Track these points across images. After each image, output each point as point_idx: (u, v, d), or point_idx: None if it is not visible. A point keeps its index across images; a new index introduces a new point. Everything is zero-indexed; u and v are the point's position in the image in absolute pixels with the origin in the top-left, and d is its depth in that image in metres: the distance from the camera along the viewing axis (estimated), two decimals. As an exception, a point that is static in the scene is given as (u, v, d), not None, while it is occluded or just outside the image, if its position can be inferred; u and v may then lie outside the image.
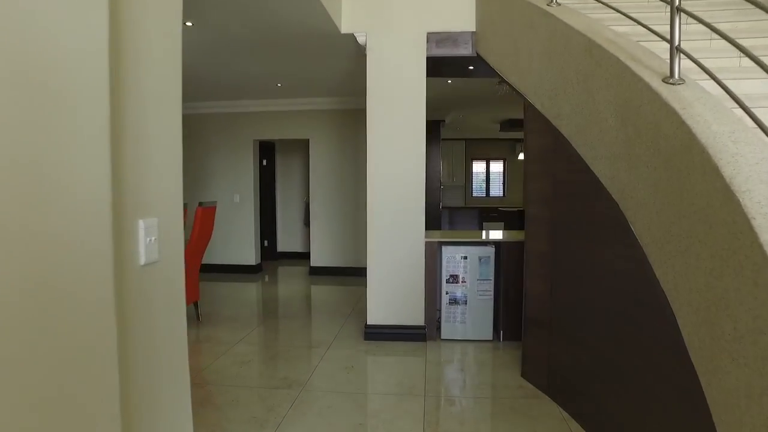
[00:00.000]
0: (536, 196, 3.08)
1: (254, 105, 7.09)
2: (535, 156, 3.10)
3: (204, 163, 7.39)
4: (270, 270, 7.78)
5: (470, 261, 4.03)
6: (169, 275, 1.45)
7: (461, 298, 4.05)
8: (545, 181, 2.97)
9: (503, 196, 11.67)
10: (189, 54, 4.62)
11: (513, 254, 3.95)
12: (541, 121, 2.93)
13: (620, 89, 2.04)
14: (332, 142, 7.09)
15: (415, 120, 4.03)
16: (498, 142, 11.33)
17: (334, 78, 5.67)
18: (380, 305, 4.13)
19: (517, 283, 3.89)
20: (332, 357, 3.72)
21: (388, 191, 4.07)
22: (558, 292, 2.82)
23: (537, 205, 3.08)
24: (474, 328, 4.06)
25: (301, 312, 5.17)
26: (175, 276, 1.49)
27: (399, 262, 4.08)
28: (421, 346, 3.97)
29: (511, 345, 3.94)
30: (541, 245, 3.02)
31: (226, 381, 3.26)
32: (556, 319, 2.84)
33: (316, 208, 7.25)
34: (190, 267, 4.44)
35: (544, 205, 2.99)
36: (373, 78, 4.03)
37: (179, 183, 1.55)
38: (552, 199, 2.89)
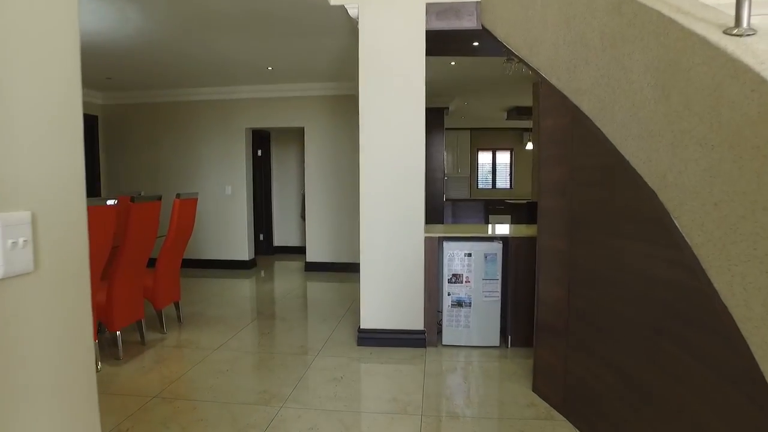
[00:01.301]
0: (550, 185, 2.67)
1: (245, 91, 6.69)
2: (548, 139, 2.68)
3: (192, 153, 7.01)
4: (264, 265, 7.42)
5: (475, 258, 3.63)
6: (58, 291, 1.07)
7: (465, 300, 3.66)
8: (561, 168, 2.56)
9: (510, 188, 11.24)
10: (166, 32, 4.25)
11: (523, 251, 3.55)
12: (557, 98, 2.51)
13: (661, 50, 1.63)
14: (328, 131, 6.68)
15: (414, 103, 3.61)
16: (505, 131, 10.89)
17: (327, 60, 5.26)
18: (375, 307, 3.75)
19: (527, 283, 3.49)
20: (320, 366, 3.35)
21: (384, 182, 3.66)
22: (576, 297, 2.42)
23: (551, 195, 2.68)
24: (479, 333, 3.66)
25: (291, 312, 4.80)
26: (70, 292, 1.10)
27: (395, 260, 3.69)
28: (420, 352, 3.58)
29: (520, 352, 3.54)
30: (555, 242, 2.61)
31: (198, 395, 2.89)
32: (573, 328, 2.44)
33: (312, 200, 6.86)
34: (169, 264, 4.07)
35: (559, 196, 2.58)
36: (366, 55, 3.61)
37: (77, 165, 1.15)
38: (569, 188, 2.48)
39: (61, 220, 1.08)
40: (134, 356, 3.53)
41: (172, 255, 4.06)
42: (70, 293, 1.10)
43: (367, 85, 3.63)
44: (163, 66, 5.43)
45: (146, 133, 7.11)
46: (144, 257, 3.67)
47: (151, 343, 3.79)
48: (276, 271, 7.06)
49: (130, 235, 3.37)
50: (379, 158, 3.65)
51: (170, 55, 4.98)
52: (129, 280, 3.54)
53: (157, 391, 2.94)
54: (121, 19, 3.87)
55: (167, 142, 7.06)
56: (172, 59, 5.14)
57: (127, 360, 3.45)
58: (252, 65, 5.46)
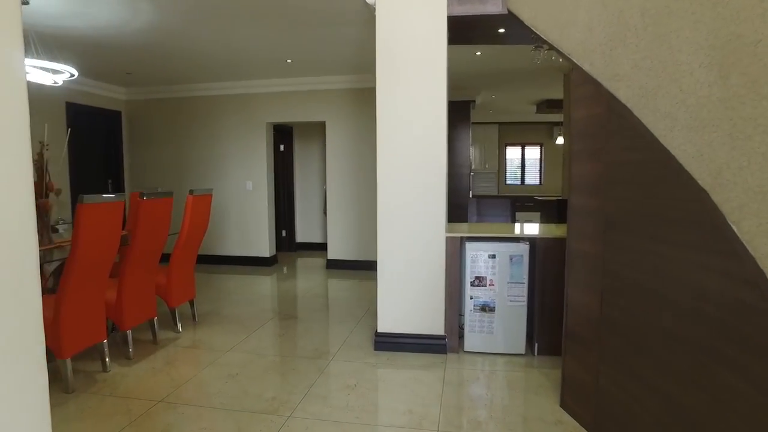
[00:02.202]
0: (581, 182, 2.43)
1: (266, 85, 6.57)
2: (580, 132, 2.43)
3: (213, 148, 6.96)
4: (286, 262, 7.32)
5: (499, 260, 3.40)
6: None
7: (488, 304, 3.43)
8: (593, 163, 2.31)
9: (540, 184, 10.86)
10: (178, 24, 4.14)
11: (551, 253, 3.30)
12: (590, 86, 2.26)
13: (718, 23, 1.38)
14: (350, 125, 6.51)
15: (435, 94, 3.39)
16: (534, 125, 10.51)
17: (346, 52, 5.08)
18: (392, 310, 3.56)
19: (556, 288, 3.25)
20: (334, 371, 3.18)
21: (402, 178, 3.46)
22: (609, 306, 2.17)
23: (582, 193, 2.43)
24: (503, 340, 3.44)
25: (308, 312, 4.66)
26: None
27: (414, 261, 3.49)
28: (439, 359, 3.38)
29: (547, 362, 3.30)
30: (587, 245, 2.37)
31: (204, 400, 2.76)
32: (607, 340, 2.20)
33: (333, 196, 6.71)
34: (183, 262, 3.98)
35: (591, 194, 2.33)
36: (384, 44, 3.41)
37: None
38: (602, 185, 2.23)
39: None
40: (145, 356, 3.44)
41: (185, 252, 3.97)
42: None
43: (385, 75, 3.43)
44: (179, 60, 5.35)
45: (168, 129, 7.09)
46: (155, 255, 3.58)
47: (164, 343, 3.71)
48: (297, 269, 6.95)
49: (140, 232, 3.28)
50: (397, 152, 3.45)
51: (185, 48, 4.89)
52: (140, 278, 3.45)
53: (163, 394, 2.83)
54: (132, 11, 3.78)
55: (189, 137, 7.03)
56: (187, 52, 5.05)
57: (138, 360, 3.37)
58: (270, 58, 5.32)
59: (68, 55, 4.96)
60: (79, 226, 2.72)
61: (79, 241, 2.74)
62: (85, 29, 4.22)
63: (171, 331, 3.96)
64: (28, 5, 3.62)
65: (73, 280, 2.80)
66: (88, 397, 2.82)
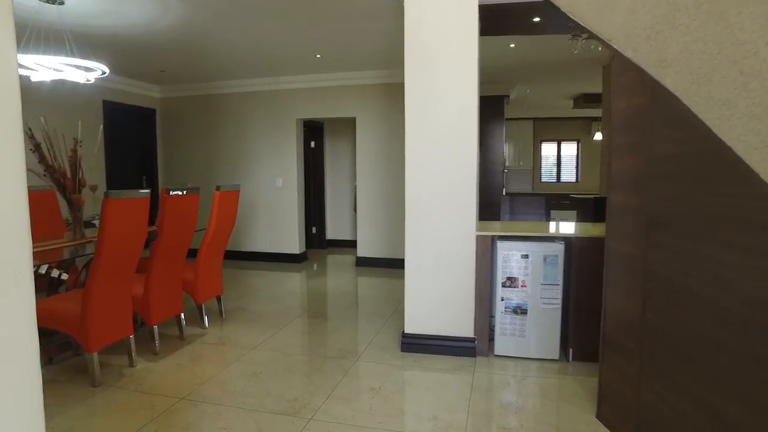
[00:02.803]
0: (622, 178, 2.25)
1: (296, 81, 6.55)
2: (621, 124, 2.26)
3: (244, 144, 7.00)
4: (316, 259, 7.30)
5: (533, 260, 3.24)
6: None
7: (521, 306, 3.28)
8: (635, 158, 2.13)
9: (576, 182, 10.51)
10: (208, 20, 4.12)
11: (588, 254, 3.12)
12: (633, 74, 2.09)
13: (785, -5, 1.20)
14: (380, 121, 6.42)
15: (466, 88, 3.25)
16: (571, 121, 10.17)
17: (376, 46, 4.98)
18: (420, 311, 3.45)
19: (592, 290, 3.07)
20: (359, 372, 3.10)
21: (431, 174, 3.35)
22: (653, 313, 2.00)
23: (623, 190, 2.25)
24: (536, 344, 3.28)
25: (336, 311, 4.60)
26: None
27: (443, 260, 3.37)
28: (468, 362, 3.25)
29: (583, 368, 3.12)
30: (628, 246, 2.20)
31: (226, 399, 2.73)
32: (649, 349, 2.02)
33: (363, 193, 6.64)
34: (210, 258, 3.97)
35: (633, 191, 2.16)
36: (412, 35, 3.30)
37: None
38: (645, 182, 2.06)
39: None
40: (171, 352, 3.45)
41: (213, 248, 3.96)
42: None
43: (414, 68, 3.31)
44: (210, 57, 5.38)
45: (200, 125, 7.17)
46: (182, 250, 3.58)
47: (190, 339, 3.71)
48: (326, 266, 6.92)
49: (166, 227, 3.28)
50: (426, 148, 3.34)
51: (215, 45, 4.90)
52: (166, 273, 3.45)
53: (186, 391, 2.82)
54: (161, 8, 3.79)
55: (220, 133, 7.09)
56: (217, 49, 5.06)
57: (164, 356, 3.38)
58: (299, 53, 5.28)
59: (102, 54, 5.05)
60: (105, 221, 2.73)
61: (105, 236, 2.75)
62: (115, 27, 4.27)
63: (198, 327, 3.97)
64: (63, 5, 3.69)
65: (99, 275, 2.81)
66: (114, 391, 2.83)
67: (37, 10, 3.59)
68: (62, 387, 2.90)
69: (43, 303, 3.04)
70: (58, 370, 3.16)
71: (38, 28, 3.62)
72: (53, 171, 3.58)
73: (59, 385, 2.93)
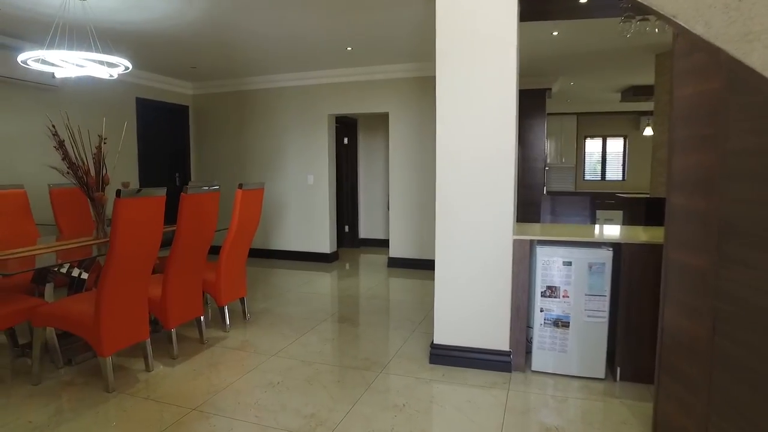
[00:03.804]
0: (686, 176, 1.92)
1: (327, 76, 6.38)
2: (685, 114, 1.93)
3: (275, 141, 6.88)
4: (348, 259, 7.12)
5: (576, 268, 2.92)
6: None
7: (562, 319, 2.97)
8: (704, 153, 1.81)
9: (623, 180, 9.92)
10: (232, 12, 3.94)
11: (641, 262, 2.78)
12: (702, 54, 1.77)
13: None
14: (413, 116, 6.16)
15: (503, 79, 2.96)
16: (618, 115, 9.59)
17: (407, 37, 4.73)
18: (451, 320, 3.19)
19: (645, 304, 2.74)
20: (382, 386, 2.87)
21: (464, 171, 3.07)
22: (727, 339, 1.67)
23: (686, 191, 1.93)
24: (579, 361, 2.96)
25: (363, 315, 4.39)
26: None
27: (477, 265, 3.09)
28: (502, 378, 2.97)
29: (632, 390, 2.78)
30: (692, 257, 1.87)
31: (239, 412, 2.55)
32: (721, 382, 1.70)
33: (396, 192, 6.40)
34: (232, 258, 3.83)
35: (699, 192, 1.83)
36: (444, 21, 3.03)
37: None
38: (717, 181, 1.73)
39: None
40: (190, 356, 3.32)
41: (235, 249, 3.82)
42: None
43: (445, 57, 3.05)
44: (239, 51, 5.26)
45: (231, 122, 7.12)
46: (201, 251, 3.44)
47: (211, 342, 3.58)
48: (358, 266, 6.72)
49: (183, 227, 3.14)
50: (459, 143, 3.07)
51: (243, 38, 4.77)
52: (185, 275, 3.33)
53: (199, 401, 2.66)
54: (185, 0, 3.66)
55: (251, 130, 7.01)
56: (245, 42, 4.93)
57: (182, 359, 3.25)
58: (330, 46, 5.09)
59: (131, 50, 5.02)
60: (116, 221, 2.60)
61: (117, 236, 2.62)
62: (141, 23, 4.20)
63: (220, 329, 3.84)
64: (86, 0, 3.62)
65: (112, 276, 2.69)
66: (126, 398, 2.71)
67: (62, 6, 3.53)
68: (78, 391, 2.81)
69: (58, 305, 2.96)
70: (76, 372, 3.08)
71: (63, 24, 3.57)
72: (76, 169, 3.53)
73: (75, 389, 2.84)
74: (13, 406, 2.63)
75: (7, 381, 2.98)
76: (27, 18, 4.02)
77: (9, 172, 4.74)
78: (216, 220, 3.50)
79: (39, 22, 4.05)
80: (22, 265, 2.90)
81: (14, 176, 4.64)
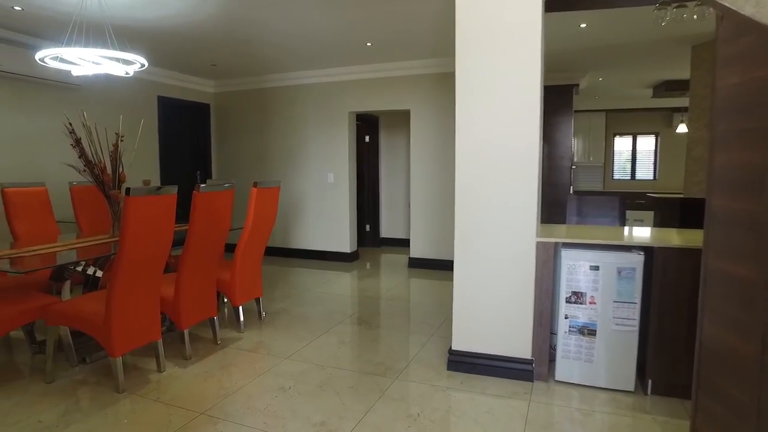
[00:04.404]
0: (731, 176, 1.74)
1: (347, 73, 6.28)
2: (732, 105, 1.74)
3: (295, 139, 6.83)
4: (368, 258, 7.01)
5: (604, 273, 2.74)
6: None
7: (588, 326, 2.79)
8: (754, 149, 1.62)
9: (654, 179, 9.55)
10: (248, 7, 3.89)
11: (676, 267, 2.59)
12: (752, 37, 1.59)
13: None
14: (435, 113, 6.00)
15: (526, 73, 2.80)
16: (649, 112, 9.23)
17: (428, 31, 4.58)
18: (470, 325, 3.04)
19: (681, 314, 2.55)
20: (396, 393, 2.75)
21: (484, 170, 2.93)
22: (775, 356, 1.49)
23: (732, 192, 1.74)
24: (606, 372, 2.78)
25: (381, 317, 4.28)
26: None
27: (498, 268, 2.94)
28: (524, 388, 2.81)
29: (665, 405, 2.59)
30: (738, 266, 1.69)
31: (247, 418, 2.47)
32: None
33: (417, 191, 6.26)
34: (247, 258, 3.77)
35: (748, 194, 1.65)
36: (464, 11, 2.88)
37: None
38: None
39: None
40: (203, 357, 3.27)
41: (250, 248, 3.75)
42: None
43: (465, 49, 2.90)
44: (258, 47, 5.20)
45: (252, 120, 7.09)
46: (215, 250, 3.38)
47: (225, 343, 3.52)
48: (377, 266, 6.61)
49: (196, 226, 3.08)
50: (479, 140, 2.92)
51: (260, 34, 4.70)
52: (198, 274, 3.27)
53: (208, 405, 2.59)
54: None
55: (272, 128, 6.97)
56: (263, 38, 4.87)
57: (195, 360, 3.20)
58: (349, 41, 4.98)
59: (150, 48, 5.01)
60: (126, 220, 2.55)
61: (127, 235, 2.57)
62: (158, 20, 4.17)
63: (235, 330, 3.78)
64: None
65: (122, 275, 2.64)
66: (135, 400, 2.66)
67: (80, 4, 3.52)
68: (89, 390, 2.78)
69: (70, 303, 2.93)
70: (90, 370, 3.06)
71: (81, 22, 3.55)
72: (92, 166, 3.51)
73: (87, 388, 2.81)
74: (26, 403, 2.61)
75: (26, 377, 2.98)
76: (46, 16, 4.03)
77: (33, 170, 4.79)
78: (230, 218, 3.43)
79: (57, 20, 4.06)
80: (34, 264, 2.89)
81: (38, 174, 4.69)
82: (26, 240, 3.65)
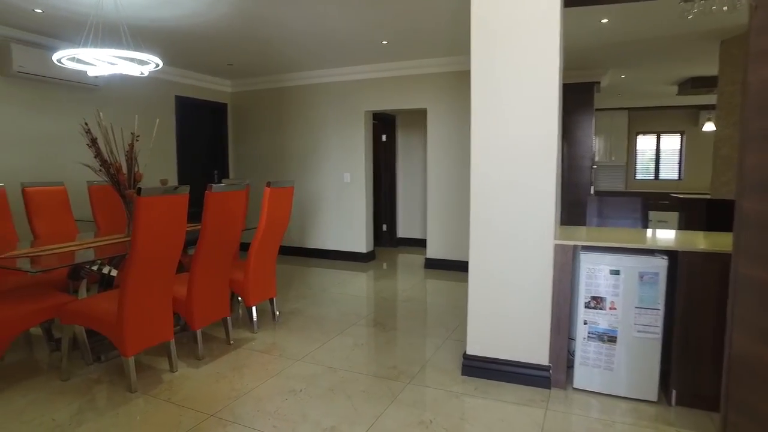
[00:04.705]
0: (764, 177, 1.64)
1: (362, 72, 6.23)
2: (764, 102, 1.64)
3: (311, 138, 6.81)
4: (385, 259, 6.96)
5: (625, 278, 2.64)
6: None
7: (608, 333, 2.69)
8: (786, 151, 1.52)
9: (679, 179, 9.29)
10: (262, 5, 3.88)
11: (703, 272, 2.47)
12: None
13: None
14: (451, 112, 5.92)
15: (544, 69, 2.70)
16: (674, 110, 8.99)
17: (445, 28, 4.50)
18: (485, 329, 2.97)
19: (707, 322, 2.44)
20: (409, 399, 2.69)
21: (500, 170, 2.84)
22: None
23: (764, 194, 1.64)
24: (627, 380, 2.67)
25: (395, 319, 4.22)
26: None
27: (514, 272, 2.86)
28: (540, 395, 2.72)
29: (690, 417, 2.48)
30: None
31: (257, 421, 2.44)
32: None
33: (434, 190, 6.18)
34: (261, 258, 3.75)
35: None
36: (479, 6, 2.80)
37: None
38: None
39: None
40: (215, 357, 3.25)
41: (264, 248, 3.73)
42: None
43: (481, 45, 2.82)
44: (273, 46, 5.19)
45: (268, 119, 7.10)
46: (228, 250, 3.37)
47: (238, 343, 3.51)
48: (394, 267, 6.55)
49: (208, 226, 3.07)
50: (495, 138, 2.84)
51: (275, 32, 4.68)
52: (211, 274, 3.25)
53: (218, 407, 2.57)
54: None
55: (288, 127, 6.97)
56: (278, 37, 4.85)
57: (207, 361, 3.19)
58: (365, 39, 4.93)
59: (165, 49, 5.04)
60: (137, 220, 2.54)
61: (138, 235, 2.56)
62: (173, 19, 4.18)
63: (248, 330, 3.77)
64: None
65: (134, 275, 2.64)
66: (147, 400, 2.65)
67: (96, 4, 3.54)
68: (102, 389, 2.79)
69: (85, 302, 2.94)
70: (104, 369, 3.07)
71: (97, 23, 3.57)
72: (108, 166, 3.53)
73: (100, 387, 2.82)
74: (41, 401, 2.63)
75: (42, 374, 3.01)
76: (63, 18, 4.07)
77: (52, 170, 4.86)
78: (243, 218, 3.42)
79: (74, 21, 4.10)
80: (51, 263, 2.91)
81: (57, 174, 4.75)
82: (45, 239, 3.69)
